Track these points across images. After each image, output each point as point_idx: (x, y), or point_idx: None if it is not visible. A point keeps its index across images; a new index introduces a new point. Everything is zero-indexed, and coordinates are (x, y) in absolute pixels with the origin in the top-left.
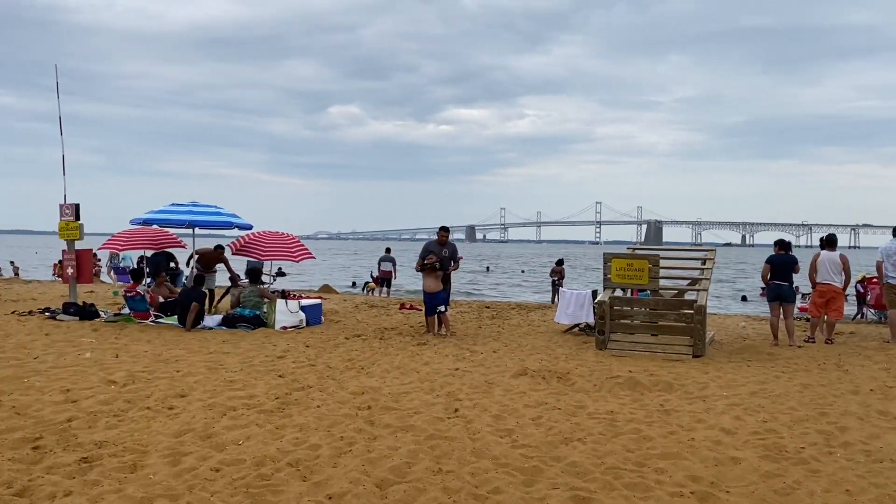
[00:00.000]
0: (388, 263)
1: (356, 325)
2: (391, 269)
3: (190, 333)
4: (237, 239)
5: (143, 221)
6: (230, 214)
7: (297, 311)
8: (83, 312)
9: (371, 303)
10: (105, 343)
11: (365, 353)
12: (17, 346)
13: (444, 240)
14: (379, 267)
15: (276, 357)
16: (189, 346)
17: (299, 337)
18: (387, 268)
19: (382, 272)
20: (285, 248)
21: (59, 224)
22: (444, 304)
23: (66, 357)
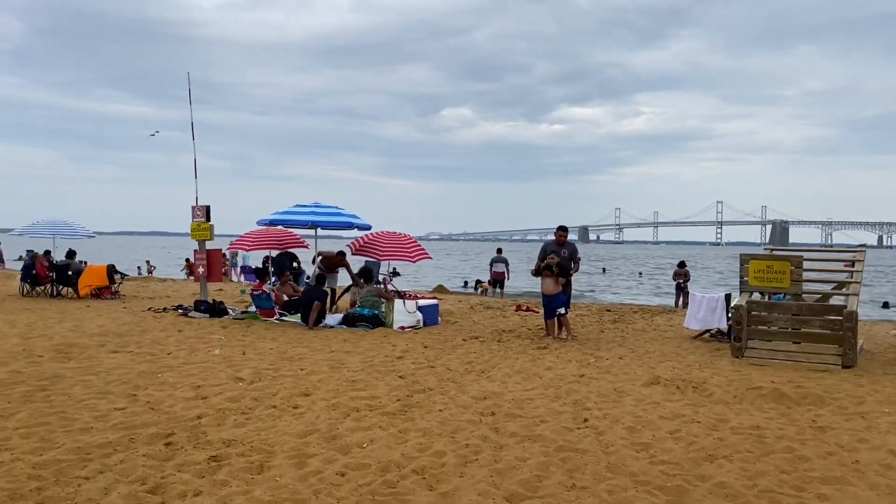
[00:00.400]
0: (501, 264)
1: (473, 326)
2: (504, 270)
3: (312, 332)
4: (356, 239)
5: (269, 222)
6: (350, 215)
7: (414, 311)
8: (213, 310)
9: (486, 304)
10: (233, 340)
11: (484, 356)
12: (153, 341)
13: (563, 239)
14: (491, 268)
15: (395, 357)
16: (312, 345)
17: (417, 337)
18: (499, 269)
19: (495, 273)
20: (402, 248)
21: (191, 225)
22: (563, 306)
23: (196, 353)
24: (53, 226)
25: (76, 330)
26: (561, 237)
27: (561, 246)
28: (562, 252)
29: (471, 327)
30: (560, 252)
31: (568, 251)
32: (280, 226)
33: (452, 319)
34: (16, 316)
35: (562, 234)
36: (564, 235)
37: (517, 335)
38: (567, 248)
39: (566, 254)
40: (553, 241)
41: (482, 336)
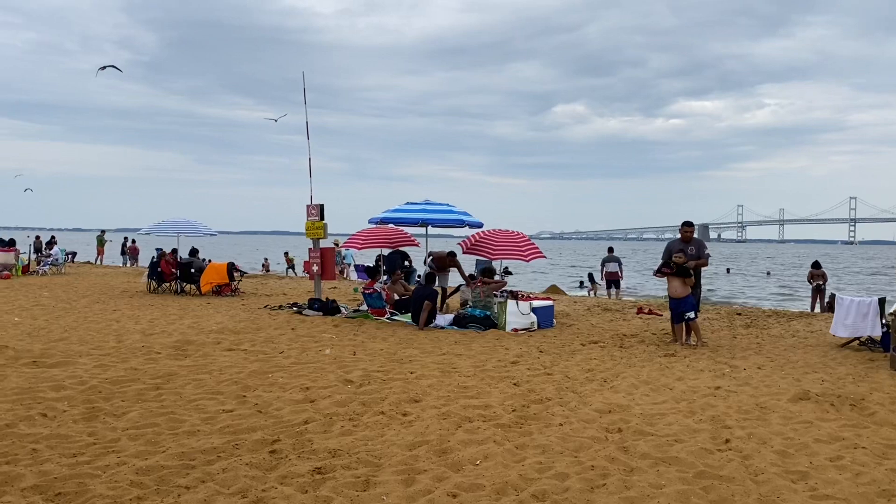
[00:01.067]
0: (614, 264)
1: (591, 329)
2: (617, 270)
3: (423, 332)
4: (468, 237)
5: (381, 220)
6: (461, 212)
7: (528, 312)
8: (326, 308)
9: (604, 305)
10: (344, 339)
11: (605, 363)
12: (266, 339)
13: (689, 236)
14: (603, 268)
15: (509, 362)
16: (422, 346)
17: (531, 341)
18: (612, 269)
19: (608, 273)
20: (516, 247)
21: (306, 224)
22: (692, 309)
23: (307, 353)
24: (177, 225)
25: (195, 327)
26: (687, 233)
27: (687, 243)
28: (688, 250)
29: (589, 331)
30: (686, 250)
31: (695, 248)
32: (391, 224)
33: (568, 322)
34: (141, 312)
35: (688, 229)
36: (691, 231)
37: (641, 340)
38: (693, 245)
39: (692, 251)
40: (678, 239)
41: (602, 341)
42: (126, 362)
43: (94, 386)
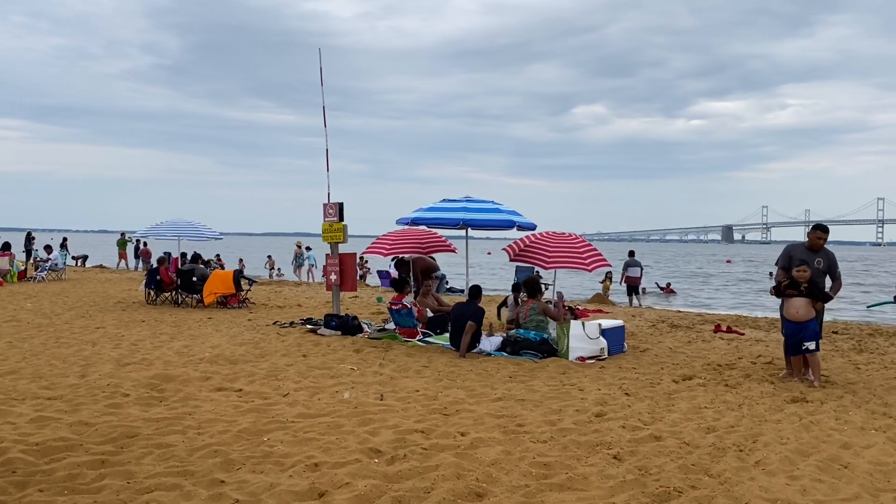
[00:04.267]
0: (637, 268)
1: (671, 356)
2: (639, 276)
3: (466, 361)
4: (515, 242)
5: (412, 221)
6: (510, 211)
7: (597, 336)
8: (345, 326)
9: (670, 321)
10: (367, 372)
11: (724, 415)
12: (269, 373)
13: (821, 244)
14: (625, 272)
15: (592, 414)
16: (469, 384)
17: (607, 375)
18: (634, 273)
19: (630, 279)
20: (574, 253)
21: (323, 226)
22: (814, 339)
23: (320, 396)
24: (177, 227)
25: (184, 353)
26: (818, 240)
27: (814, 253)
28: (814, 262)
29: (669, 357)
30: (812, 262)
31: (824, 262)
32: (423, 225)
33: (635, 343)
34: (126, 330)
35: (820, 235)
36: (824, 238)
37: (745, 374)
38: (822, 256)
39: (821, 265)
40: (801, 244)
41: (697, 375)
42: (77, 412)
43: (10, 460)
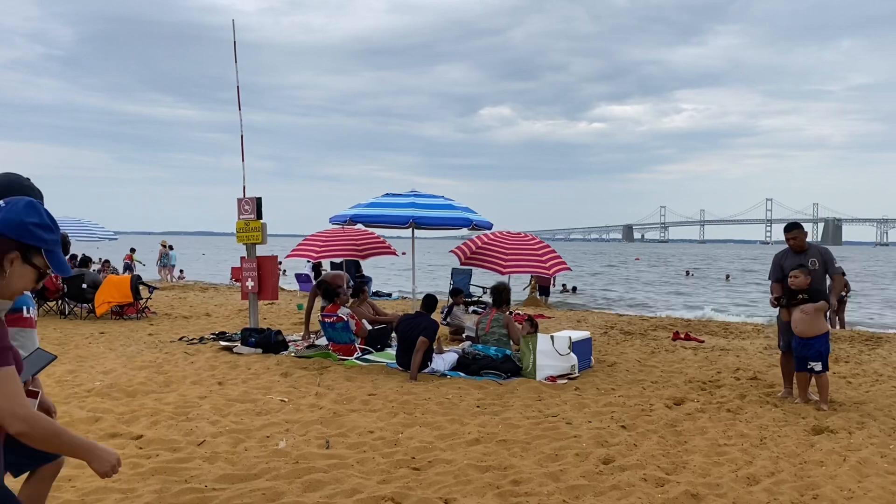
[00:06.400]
0: None
1: (644, 370)
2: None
3: (419, 386)
4: (466, 243)
5: (349, 219)
6: (464, 208)
7: (567, 351)
8: (267, 343)
9: (619, 327)
10: (301, 406)
11: (753, 456)
12: (178, 409)
13: (803, 244)
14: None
15: (599, 461)
16: (432, 420)
17: (588, 401)
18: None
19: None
20: (532, 255)
21: (237, 224)
22: (820, 358)
23: (247, 444)
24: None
25: (67, 382)
26: (798, 240)
27: (804, 254)
28: (808, 263)
29: (644, 373)
30: (806, 263)
31: (818, 261)
32: (361, 224)
33: (597, 355)
34: None
35: (796, 234)
36: (803, 237)
37: (737, 393)
38: (812, 255)
39: (815, 265)
40: (786, 250)
41: (688, 396)
42: None
43: None
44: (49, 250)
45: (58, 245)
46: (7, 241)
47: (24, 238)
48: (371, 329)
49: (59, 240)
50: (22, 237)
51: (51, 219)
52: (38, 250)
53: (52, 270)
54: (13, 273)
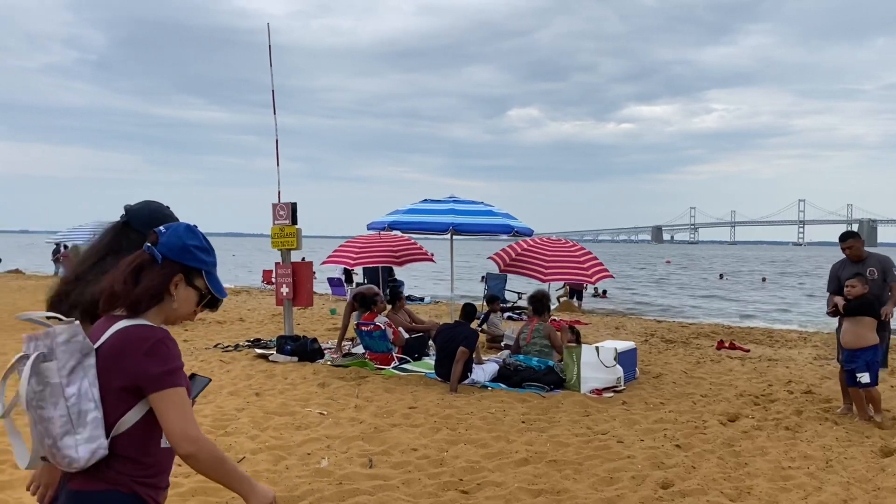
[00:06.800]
0: None
1: (691, 382)
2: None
3: (461, 398)
4: (505, 250)
5: (388, 226)
6: (504, 214)
7: (613, 364)
8: (303, 351)
9: (659, 334)
10: (341, 419)
11: (822, 481)
12: (216, 423)
13: (859, 252)
14: None
15: (657, 485)
16: (477, 436)
17: (638, 416)
18: None
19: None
20: (574, 262)
21: (272, 230)
22: (867, 369)
23: (288, 462)
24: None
25: None
26: (851, 248)
27: (859, 264)
28: (867, 273)
29: (692, 385)
30: (864, 273)
31: (877, 269)
32: (398, 231)
33: (640, 366)
34: None
35: (851, 244)
36: (859, 245)
37: (794, 409)
38: (871, 264)
39: (874, 274)
40: (843, 260)
41: (742, 412)
42: None
43: None
44: (209, 272)
45: (215, 267)
46: (172, 264)
47: (187, 261)
48: (408, 337)
49: (216, 262)
50: (184, 260)
51: (208, 242)
52: (199, 273)
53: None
54: (178, 297)
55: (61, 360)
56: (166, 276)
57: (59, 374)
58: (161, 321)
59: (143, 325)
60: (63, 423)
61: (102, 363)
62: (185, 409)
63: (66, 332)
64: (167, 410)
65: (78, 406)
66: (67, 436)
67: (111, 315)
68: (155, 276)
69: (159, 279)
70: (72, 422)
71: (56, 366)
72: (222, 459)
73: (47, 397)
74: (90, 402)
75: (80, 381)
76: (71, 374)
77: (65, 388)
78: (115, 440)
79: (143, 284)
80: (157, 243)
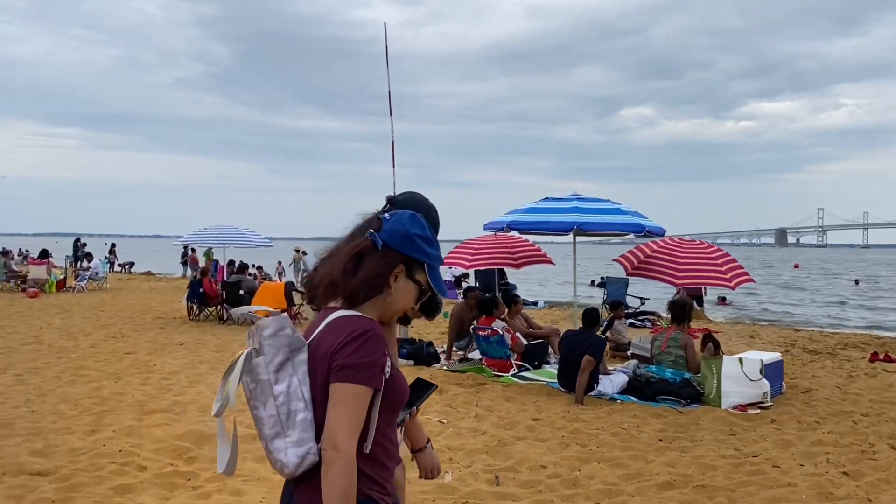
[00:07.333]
0: None
1: (847, 399)
2: None
3: (588, 411)
4: (632, 252)
5: (507, 226)
6: (634, 213)
7: (759, 377)
8: (419, 354)
9: (800, 344)
10: (462, 429)
11: None
12: None
13: None
14: None
15: None
16: (610, 454)
17: (792, 436)
18: None
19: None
20: (711, 265)
21: None
22: None
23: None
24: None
25: None
26: None
27: None
28: None
29: (849, 403)
30: None
31: None
32: (516, 231)
33: (786, 380)
34: (161, 357)
35: None
36: None
37: None
38: None
39: None
40: None
41: None
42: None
43: None
44: (431, 266)
45: (440, 262)
46: (393, 253)
47: (410, 251)
48: (527, 344)
49: (440, 256)
50: (406, 250)
51: (432, 233)
52: (420, 266)
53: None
54: (398, 290)
55: (268, 354)
56: (387, 265)
57: (266, 371)
58: (377, 315)
59: (356, 315)
60: (273, 423)
61: (313, 358)
62: (353, 413)
63: (273, 325)
64: (335, 405)
65: (287, 405)
66: (277, 438)
67: (328, 307)
68: (375, 264)
69: (380, 268)
70: (281, 423)
71: (264, 361)
72: (348, 497)
73: (258, 395)
74: (300, 400)
75: (288, 377)
76: (279, 371)
77: (273, 386)
78: None
79: (362, 273)
80: (380, 230)
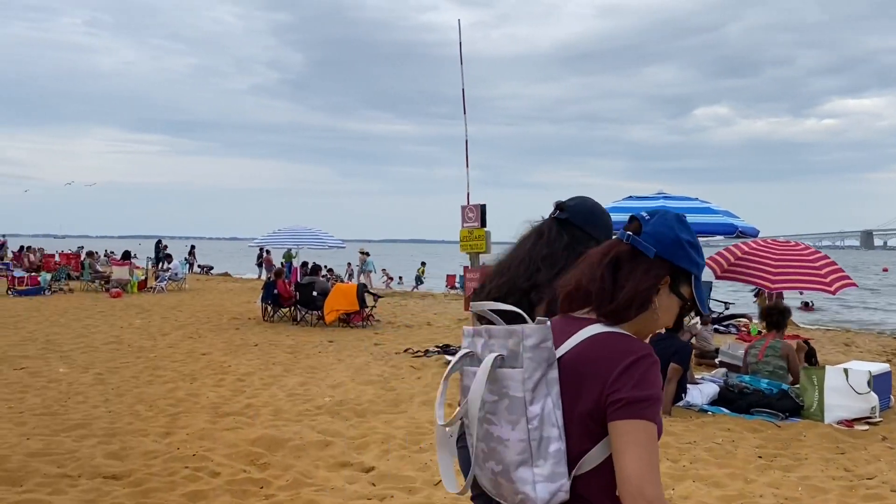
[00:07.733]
0: None
1: None
2: None
3: (678, 423)
4: (723, 252)
5: None
6: (724, 212)
7: (866, 389)
8: None
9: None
10: None
11: None
12: (410, 436)
13: None
14: None
15: None
16: (704, 471)
17: None
18: None
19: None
20: (809, 268)
21: (461, 232)
22: None
23: None
24: (296, 234)
25: (298, 396)
26: None
27: None
28: None
29: None
30: None
31: None
32: None
33: None
34: (235, 358)
35: None
36: None
37: None
38: None
39: None
40: None
41: None
42: None
43: None
44: (697, 277)
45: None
46: (661, 262)
47: (678, 260)
48: None
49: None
50: (676, 259)
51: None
52: (687, 277)
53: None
54: (661, 305)
55: (527, 369)
56: (656, 276)
57: (523, 387)
58: (634, 332)
59: (624, 335)
60: (521, 449)
61: (564, 378)
62: (651, 454)
63: (537, 335)
64: (627, 447)
65: (540, 430)
66: (523, 466)
67: (570, 316)
68: (643, 275)
69: (650, 281)
70: (531, 450)
71: (521, 375)
72: None
73: (503, 412)
74: (553, 427)
75: (543, 398)
76: (535, 389)
77: (528, 406)
78: (576, 481)
79: (630, 286)
80: (641, 233)
